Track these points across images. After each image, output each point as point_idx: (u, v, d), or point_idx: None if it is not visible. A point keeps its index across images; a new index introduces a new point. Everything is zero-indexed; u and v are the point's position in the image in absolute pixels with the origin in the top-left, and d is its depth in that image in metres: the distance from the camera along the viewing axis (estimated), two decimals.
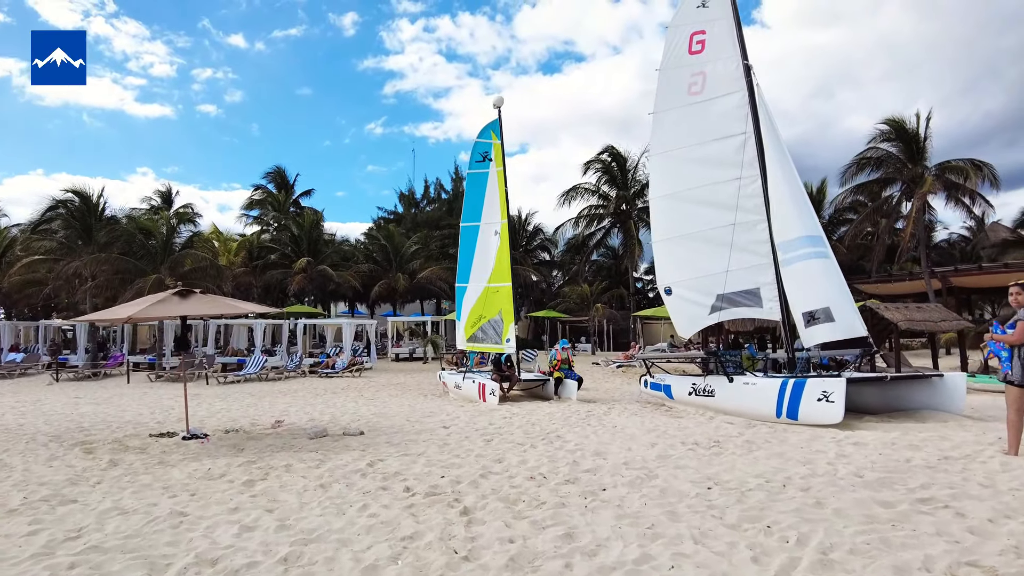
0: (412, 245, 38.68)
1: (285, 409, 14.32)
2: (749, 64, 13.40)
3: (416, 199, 50.12)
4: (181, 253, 25.50)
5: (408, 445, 9.03)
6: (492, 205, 17.13)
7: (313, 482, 6.81)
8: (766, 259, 12.67)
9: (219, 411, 14.05)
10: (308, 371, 24.17)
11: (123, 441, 9.76)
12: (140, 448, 9.16)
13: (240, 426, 11.46)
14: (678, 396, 13.23)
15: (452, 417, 12.23)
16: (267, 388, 19.68)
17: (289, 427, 11.20)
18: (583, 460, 7.65)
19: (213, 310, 9.82)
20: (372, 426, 11.10)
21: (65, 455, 8.64)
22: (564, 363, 15.91)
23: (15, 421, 12.45)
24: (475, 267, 17.33)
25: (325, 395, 17.72)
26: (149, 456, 8.51)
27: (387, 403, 15.45)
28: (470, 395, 15.69)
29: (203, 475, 7.24)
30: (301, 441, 9.61)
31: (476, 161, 17.63)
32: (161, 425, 11.74)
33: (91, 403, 15.92)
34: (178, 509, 5.81)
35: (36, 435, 10.48)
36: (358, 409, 14.12)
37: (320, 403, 15.74)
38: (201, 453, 8.67)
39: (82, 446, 9.33)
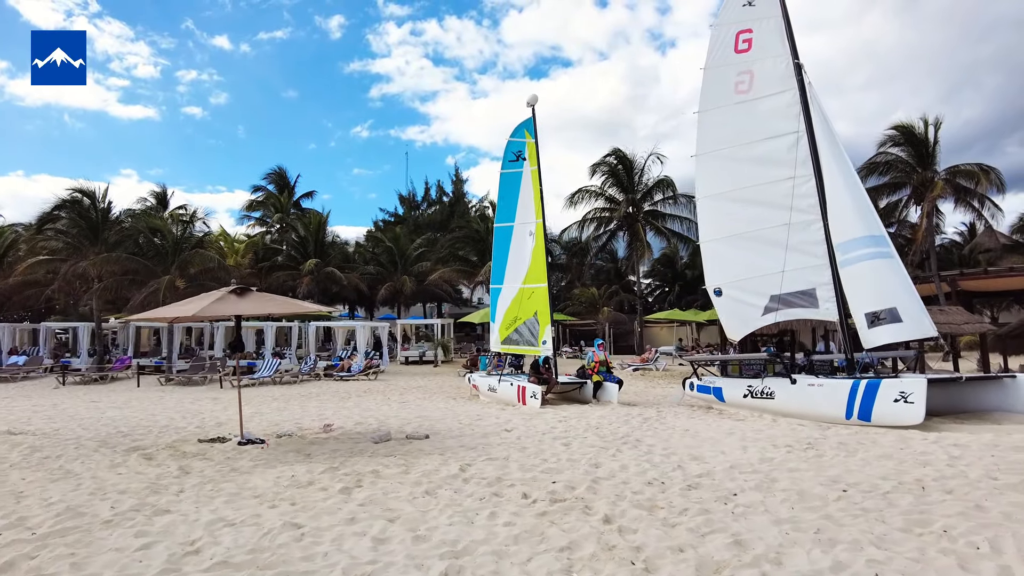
0: (417, 247, 38.22)
1: (319, 413, 13.87)
2: (800, 63, 13.20)
3: (416, 201, 49.68)
4: (191, 254, 24.82)
5: (485, 449, 8.64)
6: (526, 205, 16.79)
7: (416, 488, 6.42)
8: (822, 260, 12.45)
9: (253, 416, 13.53)
10: (323, 374, 23.62)
11: (176, 447, 9.27)
12: (199, 454, 8.69)
13: (288, 430, 11.00)
14: (731, 399, 12.96)
15: (504, 421, 11.84)
16: (286, 392, 19.14)
17: (343, 431, 10.75)
18: (686, 464, 7.32)
19: (272, 309, 9.38)
20: (428, 430, 10.69)
21: (125, 461, 8.16)
22: (602, 365, 15.59)
23: (47, 425, 11.88)
24: (510, 268, 16.98)
25: (351, 398, 17.25)
26: (215, 462, 8.05)
27: (422, 406, 15.03)
28: (507, 398, 15.32)
29: (290, 483, 6.82)
30: (366, 445, 9.20)
31: (509, 161, 17.29)
32: (202, 430, 11.24)
33: (113, 407, 15.33)
34: (290, 520, 5.39)
35: (81, 440, 9.95)
36: (398, 412, 13.69)
37: (352, 406, 15.31)
38: (270, 459, 8.23)
39: (138, 452, 8.84)
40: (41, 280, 28.52)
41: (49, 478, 7.20)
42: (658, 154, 37.91)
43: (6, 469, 7.71)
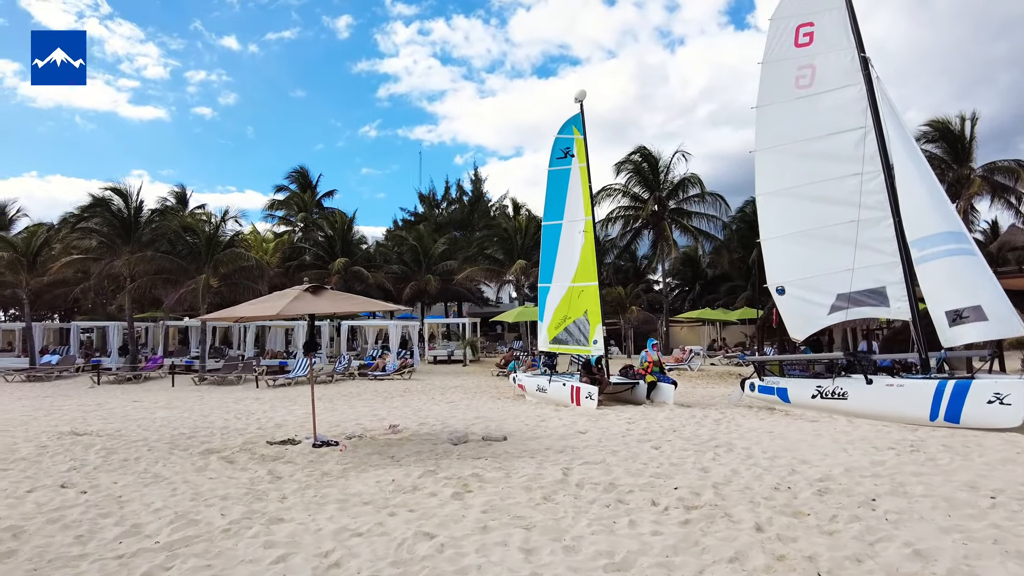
0: (440, 246, 38.00)
1: (371, 413, 13.66)
2: (867, 56, 12.88)
3: (436, 200, 49.47)
4: (226, 253, 24.66)
5: (575, 452, 8.37)
6: (575, 202, 16.52)
7: (530, 495, 6.16)
8: (892, 257, 12.12)
9: (306, 416, 13.30)
10: (357, 373, 23.42)
11: (250, 449, 9.04)
12: (277, 457, 8.47)
13: (353, 432, 10.78)
14: (797, 400, 12.64)
15: (569, 422, 11.56)
16: (324, 391, 18.90)
17: (411, 432, 10.51)
18: (799, 468, 7.03)
19: (348, 307, 9.16)
20: (497, 431, 10.43)
21: (207, 465, 7.94)
22: (656, 365, 15.31)
23: (107, 426, 11.69)
24: (559, 266, 16.71)
25: (394, 398, 17.02)
26: (301, 466, 7.82)
27: (473, 407, 14.77)
28: (558, 398, 15.04)
29: (393, 488, 6.58)
30: (445, 447, 8.95)
31: (557, 158, 17.01)
32: (264, 431, 11.04)
33: (158, 407, 15.13)
34: (419, 530, 5.14)
35: (148, 441, 9.75)
36: (452, 413, 13.44)
37: (400, 405, 15.10)
38: (355, 462, 7.99)
39: (215, 455, 8.63)
40: (69, 279, 28.46)
41: (140, 482, 6.99)
42: (684, 152, 37.59)
43: (93, 472, 7.51)
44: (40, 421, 12.41)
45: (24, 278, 25.62)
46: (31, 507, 6.00)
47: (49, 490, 6.64)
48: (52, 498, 6.31)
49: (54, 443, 9.59)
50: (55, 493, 6.51)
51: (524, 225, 35.89)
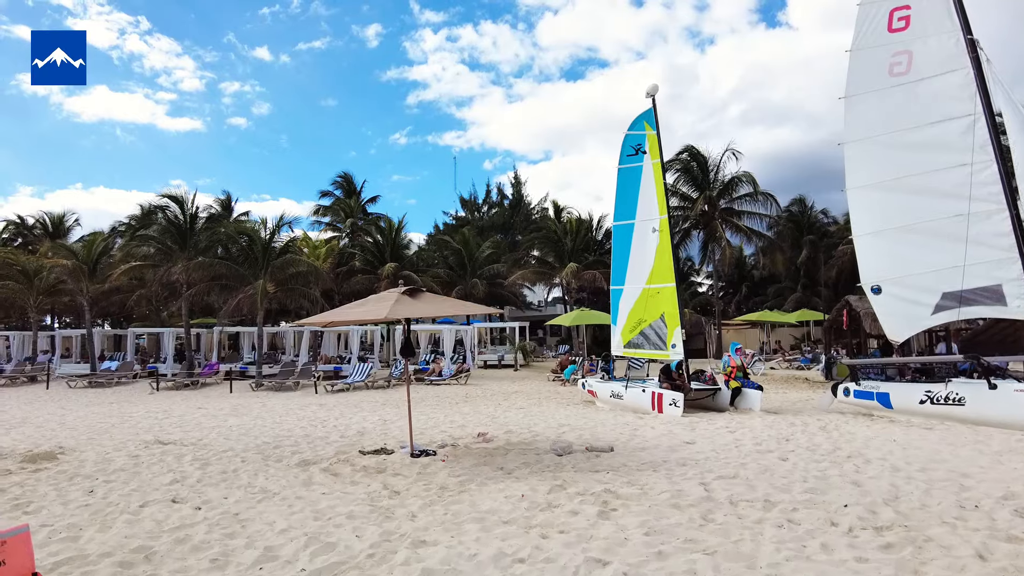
0: (486, 249, 37.61)
1: (447, 419, 13.25)
2: (974, 38, 12.08)
3: (477, 203, 49.20)
4: (284, 259, 24.59)
5: (701, 464, 7.79)
6: (648, 200, 15.92)
7: (681, 513, 5.62)
8: (1008, 252, 11.29)
9: (379, 423, 12.96)
10: (414, 378, 23.09)
11: (348, 460, 8.65)
12: (382, 467, 8.06)
13: (440, 440, 10.34)
14: (901, 405, 11.86)
15: (665, 431, 10.96)
16: (384, 397, 18.56)
17: (504, 441, 10.03)
18: (970, 483, 6.35)
19: (444, 311, 8.72)
20: (590, 440, 9.89)
21: (312, 478, 7.56)
22: (739, 370, 14.62)
23: (187, 434, 11.45)
24: (631, 268, 16.11)
25: (461, 404, 16.58)
26: (411, 479, 7.39)
27: (548, 413, 14.25)
28: (636, 405, 14.42)
29: (529, 505, 6.07)
30: (550, 458, 8.45)
31: (628, 155, 16.45)
32: (348, 440, 10.67)
33: (225, 414, 14.93)
34: (589, 556, 4.62)
35: (236, 451, 9.44)
36: (531, 420, 12.95)
37: (470, 411, 14.68)
38: (466, 474, 7.52)
39: (313, 466, 8.26)
40: (123, 287, 28.69)
41: (251, 497, 6.61)
42: (734, 149, 36.64)
43: (197, 486, 7.17)
44: (119, 429, 12.25)
45: (84, 285, 25.90)
46: (151, 524, 5.65)
47: (162, 505, 6.29)
48: (168, 514, 5.96)
49: (144, 452, 9.33)
50: (169, 508, 6.16)
51: (574, 227, 35.30)
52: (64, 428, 12.47)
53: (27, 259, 27.24)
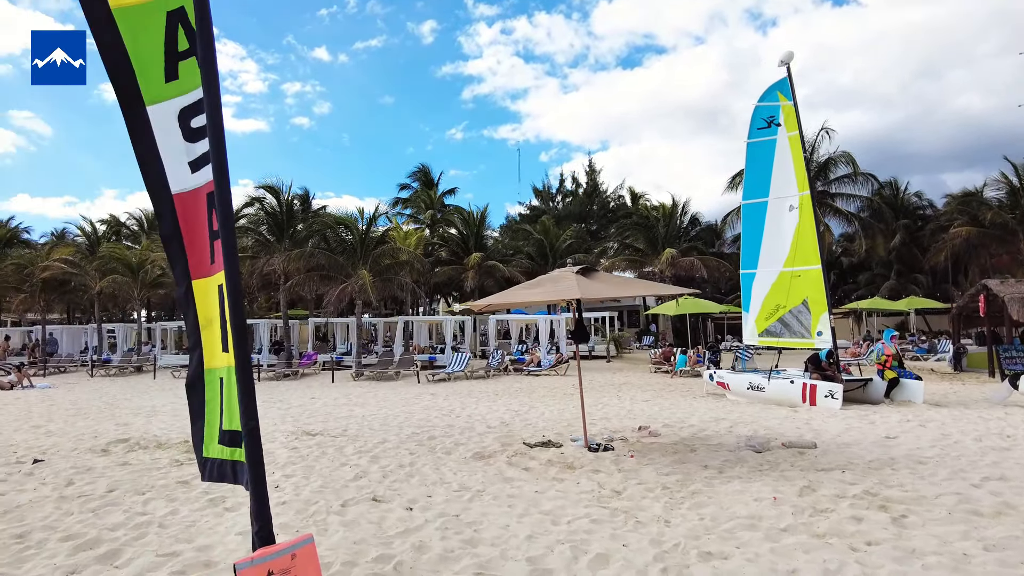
0: (567, 238, 36.70)
1: (572, 412, 12.43)
2: None
3: (551, 193, 48.32)
4: (383, 248, 24.38)
5: (945, 463, 6.78)
6: (784, 176, 14.75)
7: (999, 523, 4.66)
8: None
9: (508, 414, 12.28)
10: (512, 368, 22.48)
11: (526, 453, 7.97)
12: (570, 463, 7.33)
13: (598, 433, 9.57)
14: None
15: (850, 427, 9.89)
16: (491, 387, 17.90)
17: (678, 438, 9.19)
18: None
19: (624, 291, 7.92)
20: (790, 438, 8.95)
21: (503, 472, 6.91)
22: (894, 359, 13.36)
23: (326, 425, 11.04)
24: (765, 250, 14.96)
25: (574, 396, 15.71)
26: (619, 476, 6.63)
27: (683, 405, 13.30)
28: (782, 398, 13.32)
29: (794, 509, 5.24)
30: (749, 454, 7.57)
31: (758, 128, 15.29)
32: (493, 429, 10.02)
33: (349, 404, 14.54)
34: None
35: (394, 443, 8.89)
36: (674, 413, 12.05)
37: (593, 403, 13.76)
38: (672, 472, 6.73)
39: (489, 459, 7.60)
40: None
41: (456, 495, 5.98)
42: (828, 128, 34.60)
43: (385, 482, 6.59)
44: (266, 419, 11.91)
45: None
46: (370, 527, 5.06)
47: (367, 505, 5.72)
48: (381, 515, 5.37)
49: (300, 444, 8.90)
50: (376, 508, 5.58)
51: (667, 212, 34.04)
52: None
53: (131, 253, 27.93)
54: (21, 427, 11.10)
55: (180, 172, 3.70)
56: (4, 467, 7.62)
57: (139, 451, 8.42)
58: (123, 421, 11.69)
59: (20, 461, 7.94)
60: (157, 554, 4.49)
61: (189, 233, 3.76)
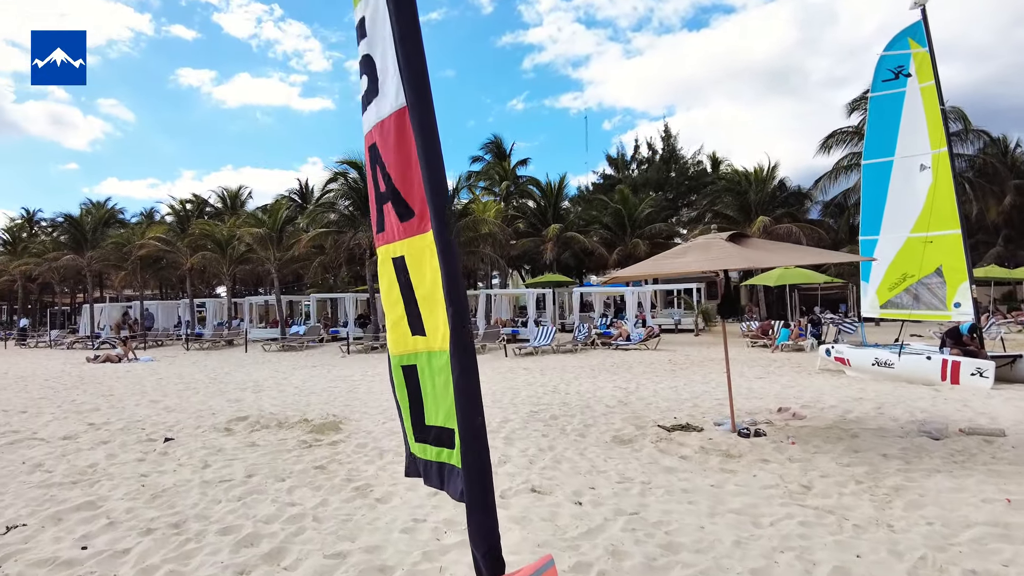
0: (645, 208, 35.44)
1: (683, 389, 11.73)
2: None
3: (626, 161, 46.85)
4: (468, 220, 24.05)
5: None
6: (913, 133, 13.37)
7: None
8: None
9: (619, 392, 11.65)
10: (600, 343, 21.83)
11: (671, 438, 7.35)
12: (726, 450, 6.68)
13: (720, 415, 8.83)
14: None
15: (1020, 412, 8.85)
16: (583, 361, 17.25)
17: (832, 421, 8.38)
18: None
19: (793, 259, 7.12)
20: (975, 425, 8.02)
21: (658, 460, 6.32)
22: None
23: None
24: (889, 214, 13.70)
25: (678, 371, 14.91)
26: (791, 465, 5.94)
27: (804, 383, 12.38)
28: (914, 375, 12.21)
29: None
30: (925, 442, 6.72)
31: (883, 80, 13.89)
32: (614, 410, 9.41)
33: None
34: None
35: (516, 421, 8.42)
36: (800, 393, 11.19)
37: (700, 380, 13.05)
38: (859, 461, 5.97)
39: (632, 443, 7.02)
40: (302, 254, 29.44)
41: (622, 487, 5.44)
42: None
43: (532, 467, 6.10)
44: (357, 393, 11.74)
45: (272, 253, 26.76)
46: (545, 526, 4.56)
47: (526, 496, 5.23)
48: (552, 511, 4.88)
49: None
50: (539, 501, 5.09)
51: (760, 177, 32.34)
52: (301, 393, 12.17)
53: (220, 229, 28.61)
54: (140, 402, 11.25)
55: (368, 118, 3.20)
56: (137, 445, 7.56)
57: (262, 431, 8.24)
58: (233, 397, 11.70)
59: (151, 439, 7.88)
60: (324, 555, 4.12)
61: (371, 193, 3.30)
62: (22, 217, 44.27)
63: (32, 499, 5.51)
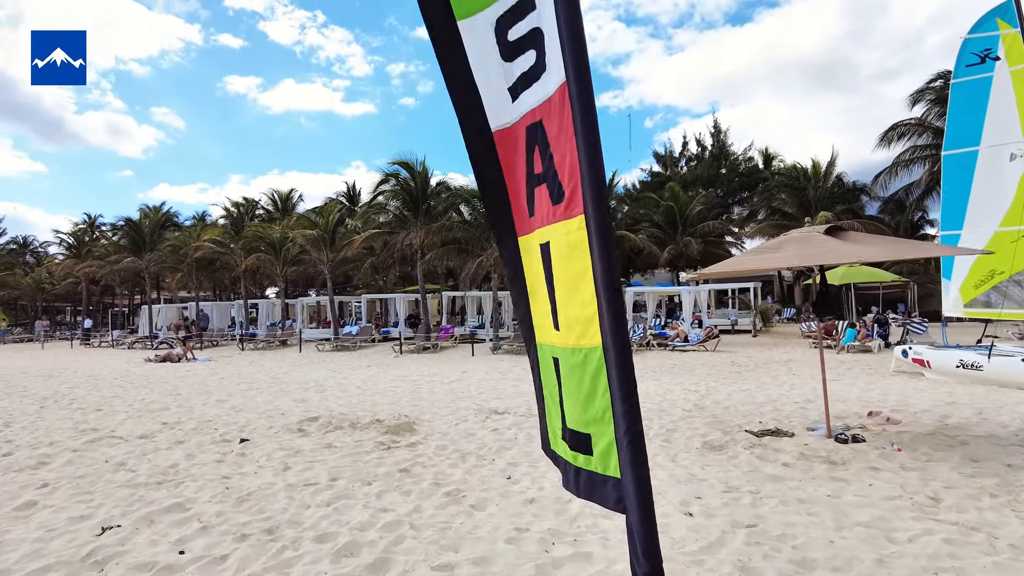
0: (696, 205, 34.65)
1: (757, 393, 11.25)
2: None
3: (675, 158, 46.04)
4: None
5: None
6: (1003, 119, 12.59)
7: None
8: None
9: (687, 394, 11.24)
10: (656, 344, 21.33)
11: (761, 443, 6.96)
12: (829, 457, 6.26)
13: (796, 420, 8.37)
14: None
15: None
16: (639, 363, 16.78)
17: (935, 428, 7.86)
18: None
19: (897, 253, 6.66)
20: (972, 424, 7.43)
21: (760, 468, 5.95)
22: None
23: (500, 402, 10.46)
24: (973, 207, 12.91)
25: (744, 373, 14.41)
26: (907, 476, 5.51)
27: (884, 386, 11.78)
28: (1007, 379, 11.49)
29: None
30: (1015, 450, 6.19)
31: (967, 65, 13.13)
32: (690, 413, 9.03)
33: (512, 380, 14.03)
34: None
35: None
36: (882, 396, 10.61)
37: (770, 382, 12.55)
38: (980, 471, 5.50)
39: (722, 451, 6.65)
40: (353, 256, 29.65)
41: (731, 497, 5.09)
42: None
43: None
44: (421, 393, 11.60)
45: (325, 254, 27.03)
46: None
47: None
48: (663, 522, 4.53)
49: (499, 424, 8.31)
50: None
51: (819, 171, 31.30)
52: (365, 393, 12.10)
53: (273, 231, 29.05)
54: (207, 401, 11.32)
55: (499, 103, 2.94)
56: (213, 445, 7.52)
57: (336, 431, 8.13)
58: (298, 397, 11.68)
59: (225, 439, 7.84)
60: (430, 566, 3.90)
61: (512, 179, 3.03)
62: (84, 222, 45.90)
63: (121, 499, 5.45)
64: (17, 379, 16.10)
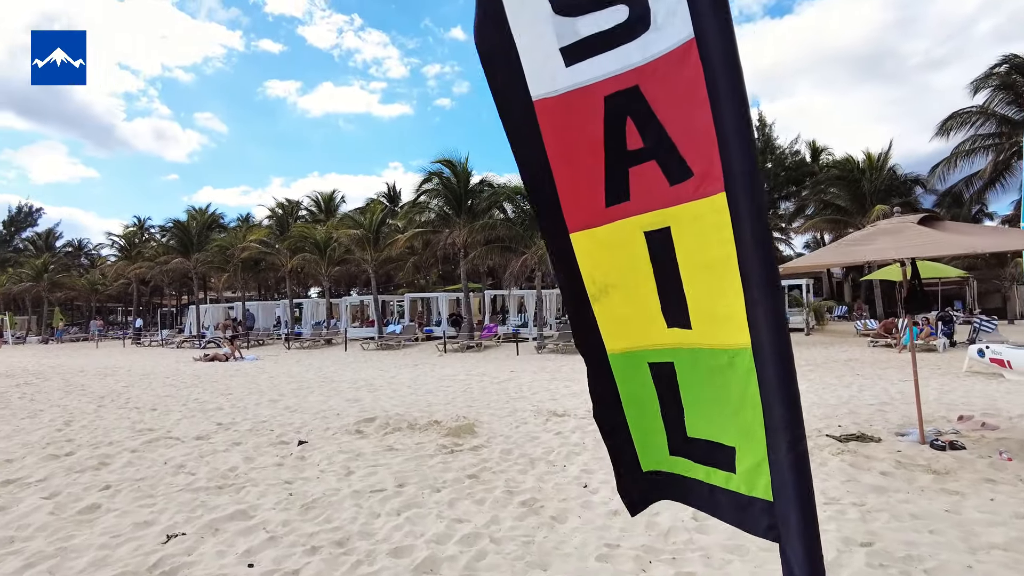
0: None
1: (825, 393, 10.66)
2: None
3: None
4: None
5: None
6: None
7: None
8: None
9: None
10: None
11: (848, 449, 6.48)
12: (931, 467, 5.76)
13: (877, 424, 7.81)
14: None
15: None
16: None
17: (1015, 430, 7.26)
18: None
19: (999, 245, 6.12)
20: None
21: (855, 476, 5.48)
22: None
23: (556, 403, 10.11)
24: None
25: (807, 374, 13.81)
26: (1020, 488, 4.99)
27: (964, 388, 11.07)
28: None
29: None
30: None
31: None
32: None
33: (562, 380, 13.68)
34: None
35: None
36: (965, 398, 9.94)
37: (837, 384, 11.90)
38: None
39: (839, 459, 6.19)
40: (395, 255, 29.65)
41: (833, 511, 4.65)
42: None
43: None
44: (475, 393, 11.34)
45: (370, 254, 27.08)
46: None
47: None
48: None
49: (562, 428, 7.98)
50: None
51: (875, 163, 30.14)
52: (416, 393, 11.89)
53: (318, 231, 29.25)
54: (260, 401, 11.24)
55: (545, 66, 2.46)
56: (271, 447, 7.35)
57: (395, 433, 7.90)
58: (350, 397, 11.53)
59: (283, 441, 7.67)
60: None
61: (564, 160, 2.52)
62: (134, 224, 47.13)
63: (183, 504, 5.28)
64: (76, 377, 16.40)
